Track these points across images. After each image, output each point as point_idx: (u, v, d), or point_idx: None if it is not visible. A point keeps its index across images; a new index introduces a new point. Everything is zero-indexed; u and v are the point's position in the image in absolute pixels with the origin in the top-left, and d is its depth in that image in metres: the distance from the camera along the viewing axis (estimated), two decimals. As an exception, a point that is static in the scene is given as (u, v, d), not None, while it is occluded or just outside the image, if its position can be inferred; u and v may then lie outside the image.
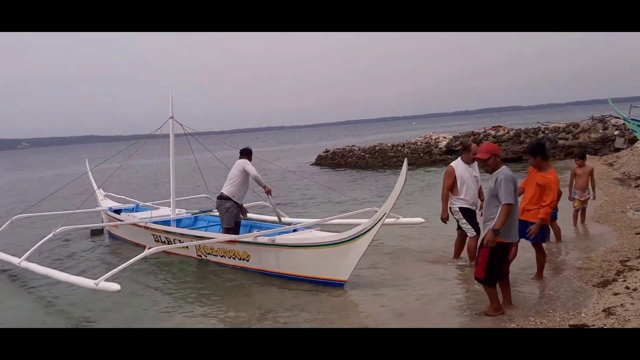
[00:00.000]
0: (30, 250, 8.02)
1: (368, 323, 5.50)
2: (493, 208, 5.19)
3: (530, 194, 6.25)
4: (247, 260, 7.52)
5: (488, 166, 5.35)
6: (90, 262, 9.06)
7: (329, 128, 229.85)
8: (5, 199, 22.32)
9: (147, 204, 11.44)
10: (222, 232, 8.25)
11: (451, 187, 6.95)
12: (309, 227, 7.95)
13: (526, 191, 6.37)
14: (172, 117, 9.64)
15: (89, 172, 12.68)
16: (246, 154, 8.48)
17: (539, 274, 6.29)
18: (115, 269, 6.39)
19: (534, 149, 6.32)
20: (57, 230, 8.18)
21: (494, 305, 5.26)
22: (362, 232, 6.34)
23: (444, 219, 7.13)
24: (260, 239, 7.23)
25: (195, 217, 9.98)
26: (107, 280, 6.19)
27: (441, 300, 5.93)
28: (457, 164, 7.05)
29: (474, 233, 6.79)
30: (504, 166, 5.35)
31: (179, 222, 9.68)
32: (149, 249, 6.58)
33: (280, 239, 7.19)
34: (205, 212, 10.09)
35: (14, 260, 8.11)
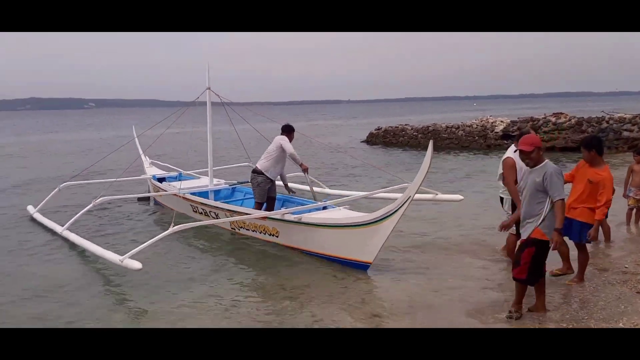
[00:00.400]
0: (71, 220, 8.38)
1: (379, 314, 5.41)
2: (536, 205, 4.86)
3: (579, 191, 5.87)
4: (277, 237, 7.55)
5: (531, 159, 4.99)
6: (131, 230, 9.30)
7: (387, 104, 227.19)
8: (68, 159, 23.30)
9: (189, 172, 11.63)
10: (254, 207, 8.27)
11: (515, 180, 6.36)
12: (339, 204, 7.84)
13: (575, 187, 5.98)
14: (209, 88, 9.68)
15: (136, 139, 13.12)
16: (287, 130, 8.40)
17: (580, 276, 5.94)
18: (140, 246, 6.49)
19: (590, 142, 5.88)
20: (96, 201, 8.48)
21: (517, 299, 5.06)
22: (388, 214, 6.22)
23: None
24: (288, 217, 7.22)
25: (232, 188, 10.11)
26: (132, 257, 6.28)
27: (467, 297, 5.69)
28: (514, 154, 6.44)
29: (515, 230, 6.41)
30: (547, 160, 5.02)
31: (216, 193, 9.82)
32: (173, 226, 6.58)
33: (307, 217, 7.16)
34: (242, 183, 10.20)
35: (58, 228, 8.51)
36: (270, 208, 8.27)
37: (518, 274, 4.93)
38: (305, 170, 8.28)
